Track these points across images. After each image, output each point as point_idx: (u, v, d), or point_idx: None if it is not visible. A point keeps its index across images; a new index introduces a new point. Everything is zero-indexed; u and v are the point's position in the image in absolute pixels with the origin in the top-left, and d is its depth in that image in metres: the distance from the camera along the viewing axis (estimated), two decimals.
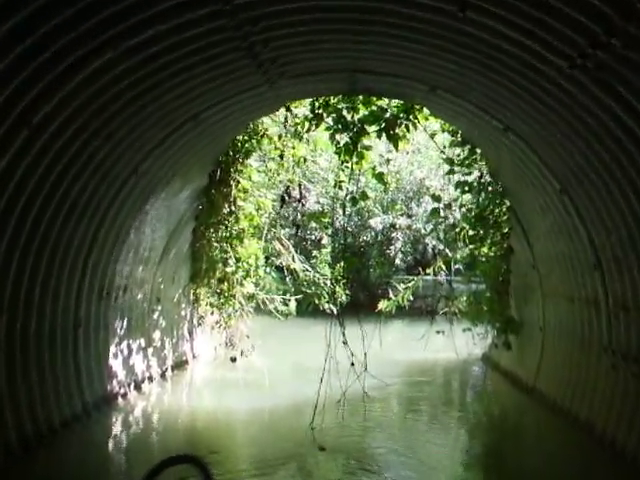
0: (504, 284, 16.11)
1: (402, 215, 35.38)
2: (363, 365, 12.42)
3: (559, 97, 9.40)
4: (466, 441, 12.89)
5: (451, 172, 13.76)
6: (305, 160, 14.61)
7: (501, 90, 10.43)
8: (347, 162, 12.70)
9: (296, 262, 15.83)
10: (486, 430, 13.58)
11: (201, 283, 16.65)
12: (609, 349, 11.33)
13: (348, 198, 12.50)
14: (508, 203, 14.90)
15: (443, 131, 14.30)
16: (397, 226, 34.86)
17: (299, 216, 15.86)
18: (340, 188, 12.71)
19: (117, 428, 12.46)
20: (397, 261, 35.11)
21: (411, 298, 20.75)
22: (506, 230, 15.33)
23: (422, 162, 36.23)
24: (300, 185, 14.29)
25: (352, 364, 12.41)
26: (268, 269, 16.51)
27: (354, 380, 12.37)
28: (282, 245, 16.16)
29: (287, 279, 16.83)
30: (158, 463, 4.20)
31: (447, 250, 19.21)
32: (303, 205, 14.41)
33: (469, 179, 14.61)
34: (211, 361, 19.25)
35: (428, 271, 18.94)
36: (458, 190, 14.58)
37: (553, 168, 11.34)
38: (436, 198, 13.31)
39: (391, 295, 21.04)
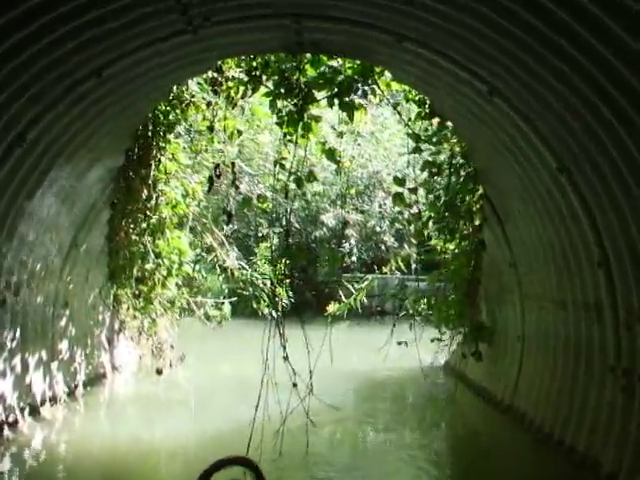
0: (474, 285, 13.82)
1: (355, 210, 33.17)
2: (308, 385, 9.98)
3: (562, 51, 7.17)
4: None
5: (417, 150, 11.42)
6: (240, 133, 12.11)
7: (488, 41, 8.12)
8: (291, 135, 10.29)
9: (231, 259, 13.35)
10: (458, 470, 11.28)
11: (120, 283, 14.02)
12: (618, 368, 9.08)
13: (292, 179, 10.08)
14: (481, 190, 12.62)
15: (407, 100, 11.94)
16: (350, 222, 32.62)
17: (232, 203, 13.35)
18: (282, 167, 10.29)
19: None
20: (351, 259, 32.88)
21: (364, 300, 18.50)
22: (478, 222, 13.02)
23: (376, 153, 34.14)
24: (233, 164, 11.77)
25: (294, 385, 9.97)
26: (198, 267, 13.99)
27: (297, 404, 9.94)
28: (215, 239, 13.68)
29: (220, 279, 14.35)
30: (212, 464, 4.03)
31: (407, 246, 16.92)
32: (237, 189, 11.86)
33: (438, 159, 12.30)
34: (135, 373, 16.71)
35: (385, 270, 16.62)
36: (425, 173, 12.23)
37: (549, 140, 9.04)
38: (399, 181, 10.94)
39: (342, 296, 18.83)
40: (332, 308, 18.47)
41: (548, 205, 10.14)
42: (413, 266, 16.33)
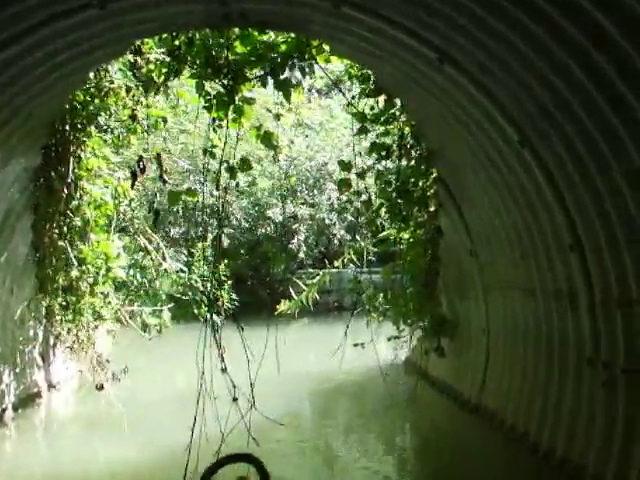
0: (432, 276, 12.83)
1: (304, 204, 32.12)
2: (249, 399, 8.89)
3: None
4: None
5: (363, 131, 10.36)
6: (165, 121, 10.95)
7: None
8: (221, 120, 9.18)
9: (168, 261, 12.20)
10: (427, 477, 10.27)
11: (50, 294, 12.75)
12: (597, 361, 8.15)
13: (223, 168, 8.94)
14: (435, 173, 11.61)
15: (350, 77, 10.88)
16: (299, 217, 31.59)
17: (158, 198, 12.12)
18: (212, 156, 9.16)
19: None
20: (300, 254, 31.80)
21: (317, 296, 17.47)
22: (433, 208, 12.02)
23: (324, 144, 33.13)
24: (159, 156, 10.60)
25: (235, 399, 8.88)
26: (132, 271, 12.78)
27: (238, 421, 8.83)
28: (148, 240, 12.51)
29: (158, 283, 13.17)
30: (215, 462, 4.03)
31: (359, 237, 15.92)
32: (165, 183, 10.67)
33: (386, 141, 11.27)
34: (75, 391, 15.44)
35: (336, 264, 15.60)
36: (373, 156, 11.17)
37: (509, 110, 8.06)
38: (345, 165, 9.84)
39: (292, 294, 17.79)
40: (282, 307, 17.45)
41: (510, 185, 9.18)
42: (367, 259, 15.30)
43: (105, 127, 11.58)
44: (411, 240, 12.65)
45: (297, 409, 13.25)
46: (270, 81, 9.31)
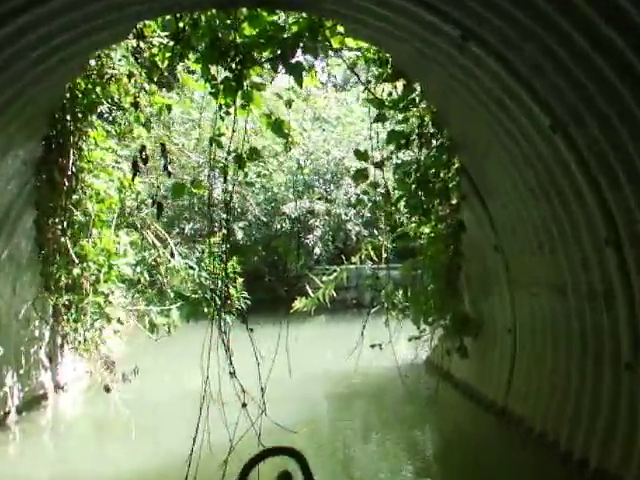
0: (454, 272, 12.16)
1: (320, 199, 31.45)
2: (260, 405, 8.29)
3: None
4: None
5: (381, 119, 9.67)
6: (169, 109, 10.31)
7: None
8: (229, 107, 8.57)
9: (176, 258, 11.58)
10: None
11: (54, 292, 12.18)
12: (635, 366, 7.49)
13: (231, 158, 8.32)
14: (457, 164, 10.94)
15: (366, 61, 10.21)
16: (315, 212, 30.92)
17: (162, 190, 11.36)
18: (220, 146, 8.53)
19: None
20: (317, 250, 31.12)
21: (334, 293, 16.84)
22: (455, 201, 11.34)
23: (341, 138, 32.44)
24: (164, 146, 9.94)
25: (244, 405, 8.29)
26: (139, 269, 12.19)
27: (248, 429, 8.23)
28: (156, 236, 11.91)
29: (165, 280, 12.53)
30: (257, 453, 3.69)
31: (377, 232, 15.27)
32: (169, 175, 9.99)
33: (405, 129, 10.58)
34: (84, 392, 14.89)
35: (354, 260, 14.98)
36: (391, 145, 10.48)
37: (540, 92, 7.39)
38: (361, 155, 9.14)
39: (309, 291, 17.16)
40: (298, 304, 16.83)
41: (539, 173, 8.50)
42: (385, 255, 14.66)
43: (107, 116, 10.98)
44: (432, 235, 11.98)
45: (312, 413, 12.62)
46: (280, 66, 8.68)
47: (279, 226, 30.84)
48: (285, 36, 8.60)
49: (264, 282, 31.06)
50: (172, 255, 11.32)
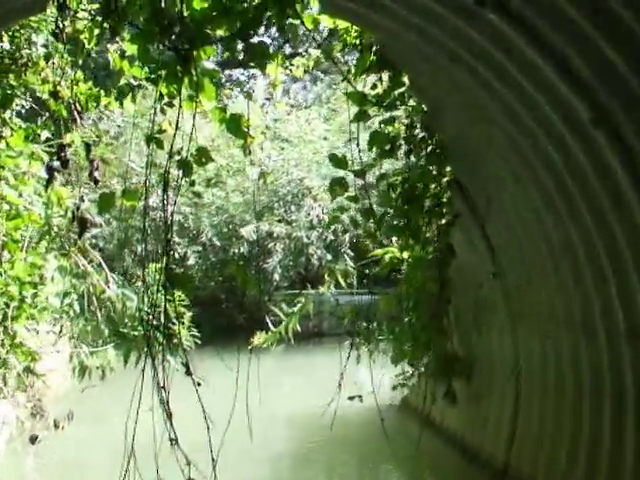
0: (440, 303, 10.34)
1: (280, 222, 29.53)
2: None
3: None
4: None
5: (361, 116, 7.79)
6: (98, 101, 8.36)
7: None
8: (172, 98, 6.71)
9: (111, 287, 9.52)
10: None
11: None
12: None
13: (173, 162, 6.39)
14: (448, 176, 9.16)
15: (345, 46, 8.36)
16: (274, 235, 29.03)
17: (85, 203, 9.32)
18: (159, 146, 6.63)
19: None
20: (276, 276, 29.17)
21: (298, 327, 14.92)
22: (444, 220, 9.54)
23: (301, 157, 30.64)
24: (88, 147, 7.90)
25: None
26: (67, 299, 10.09)
27: None
28: (87, 259, 9.89)
29: (99, 313, 10.43)
30: None
31: (346, 257, 13.45)
32: (96, 183, 7.94)
33: (391, 131, 8.76)
34: (9, 441, 12.76)
35: (318, 287, 13.16)
36: (374, 151, 8.56)
37: (582, 73, 5.65)
38: (339, 161, 7.25)
39: (268, 322, 15.19)
40: (258, 339, 14.88)
41: (567, 183, 6.75)
42: (353, 281, 12.90)
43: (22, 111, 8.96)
44: (414, 260, 10.18)
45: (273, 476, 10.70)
46: (239, 45, 6.82)
47: (236, 250, 28.96)
48: (245, 7, 6.76)
49: (221, 309, 29.35)
50: (107, 283, 9.30)
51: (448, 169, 9.03)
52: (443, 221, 9.57)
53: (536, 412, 8.79)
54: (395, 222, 8.71)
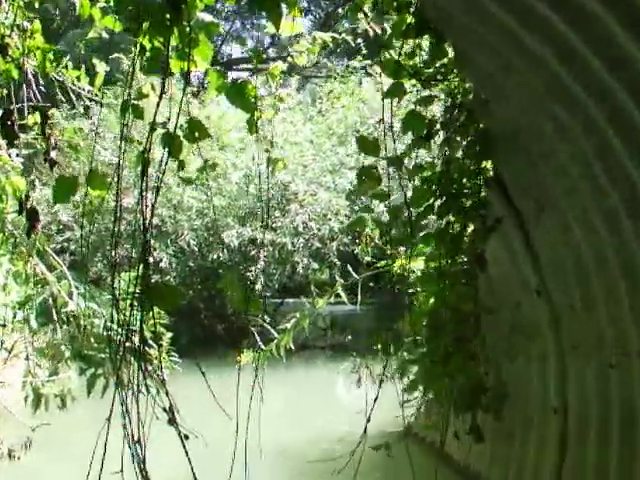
0: (467, 323, 8.72)
1: (264, 228, 27.83)
2: None
3: None
4: None
5: (396, 91, 6.15)
6: (56, 63, 6.61)
7: None
8: (157, 54, 5.07)
9: (74, 300, 7.72)
10: None
11: None
12: None
13: (158, 140, 4.77)
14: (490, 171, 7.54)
15: (376, 3, 6.67)
16: (257, 242, 27.35)
17: (37, 189, 7.46)
18: (138, 115, 4.96)
19: None
20: (258, 285, 27.46)
21: (291, 345, 13.24)
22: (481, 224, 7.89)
23: (287, 160, 28.96)
24: (45, 115, 6.07)
25: None
26: (21, 312, 8.26)
27: None
28: (49, 267, 8.12)
29: (58, 332, 8.64)
30: None
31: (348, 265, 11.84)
32: (53, 165, 6.16)
33: (428, 113, 7.09)
34: None
35: (320, 301, 11.55)
36: (408, 136, 6.82)
37: None
38: (369, 145, 5.59)
39: (257, 339, 13.49)
40: (244, 358, 13.17)
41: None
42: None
43: None
44: (437, 272, 8.53)
45: None
46: None
47: (216, 256, 27.31)
48: None
49: (199, 318, 27.94)
50: (70, 295, 7.54)
51: (489, 164, 7.41)
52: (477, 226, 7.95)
53: (591, 461, 7.21)
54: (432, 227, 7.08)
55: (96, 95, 7.73)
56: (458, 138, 6.97)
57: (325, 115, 32.87)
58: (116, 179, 4.93)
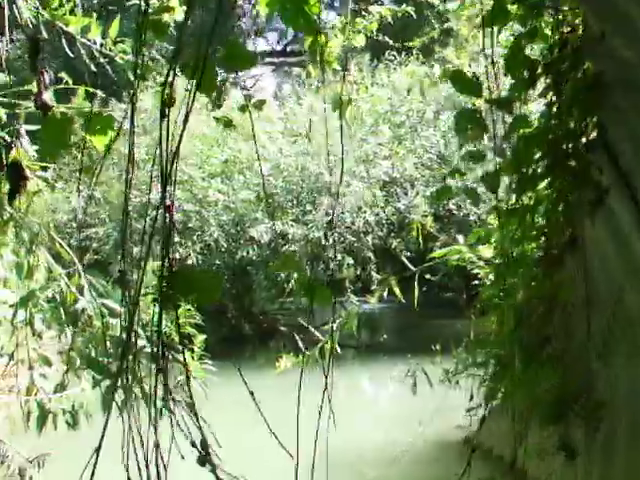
0: (560, 318, 7.24)
1: (295, 222, 26.45)
2: None
3: None
4: None
5: (499, 16, 4.71)
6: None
7: None
8: None
9: (86, 296, 6.28)
10: None
11: None
12: None
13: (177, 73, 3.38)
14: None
15: None
16: (288, 237, 26.03)
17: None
18: (141, 78, 3.54)
19: None
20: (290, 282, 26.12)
21: (338, 349, 11.84)
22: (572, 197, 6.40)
23: (316, 151, 27.53)
24: (35, 48, 4.73)
25: None
26: (26, 314, 6.77)
27: None
28: (56, 257, 6.74)
29: (67, 333, 7.16)
30: None
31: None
32: (45, 112, 4.86)
33: (533, 52, 5.62)
34: None
35: (372, 299, 10.21)
36: (509, 94, 5.33)
37: None
38: (467, 84, 4.26)
39: (299, 343, 12.12)
40: (283, 363, 11.80)
41: None
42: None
43: None
44: (522, 259, 7.08)
45: None
46: None
47: (245, 253, 26.08)
48: None
49: (226, 317, 26.83)
50: (81, 291, 6.13)
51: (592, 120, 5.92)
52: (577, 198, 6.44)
53: None
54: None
55: (110, 50, 6.37)
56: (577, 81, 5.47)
57: (354, 105, 31.44)
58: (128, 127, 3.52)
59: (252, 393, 4.78)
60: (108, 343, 5.99)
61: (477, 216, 24.80)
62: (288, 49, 49.66)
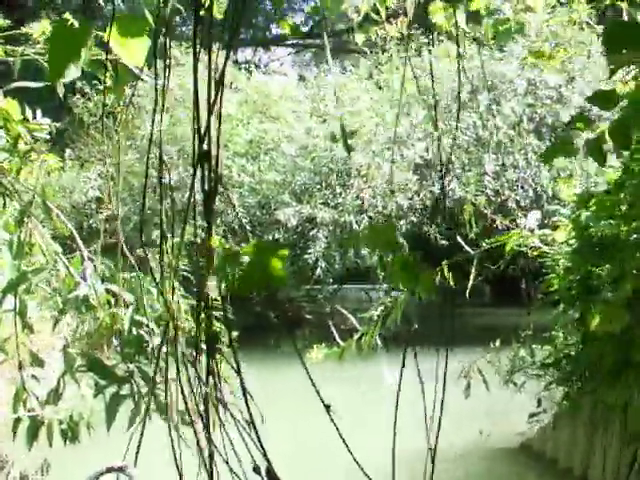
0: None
1: (324, 205, 25.10)
2: None
3: None
4: None
5: None
6: None
7: None
8: None
9: (88, 280, 5.13)
10: None
11: None
12: None
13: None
14: None
15: None
16: (318, 220, 24.72)
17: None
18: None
19: None
20: (319, 269, 24.81)
21: (377, 340, 10.59)
22: None
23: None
24: None
25: None
26: (12, 301, 5.58)
27: None
28: (54, 236, 5.51)
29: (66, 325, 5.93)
30: None
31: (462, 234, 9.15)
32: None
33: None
34: None
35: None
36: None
37: None
38: (602, 96, 3.10)
39: (335, 334, 10.95)
40: (316, 354, 10.62)
41: None
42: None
43: None
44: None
45: None
46: None
47: (271, 237, 24.86)
48: None
49: (249, 304, 25.69)
50: (84, 277, 4.92)
51: None
52: None
53: None
54: None
55: None
56: None
57: (384, 87, 30.00)
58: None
59: (314, 385, 3.64)
60: (114, 340, 4.78)
61: (515, 202, 23.43)
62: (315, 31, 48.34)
